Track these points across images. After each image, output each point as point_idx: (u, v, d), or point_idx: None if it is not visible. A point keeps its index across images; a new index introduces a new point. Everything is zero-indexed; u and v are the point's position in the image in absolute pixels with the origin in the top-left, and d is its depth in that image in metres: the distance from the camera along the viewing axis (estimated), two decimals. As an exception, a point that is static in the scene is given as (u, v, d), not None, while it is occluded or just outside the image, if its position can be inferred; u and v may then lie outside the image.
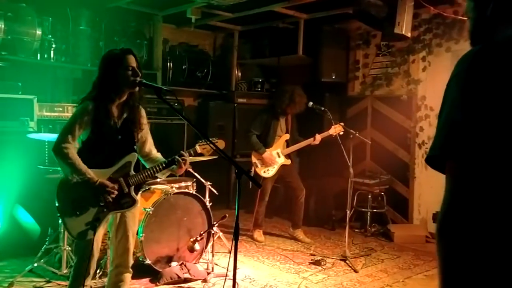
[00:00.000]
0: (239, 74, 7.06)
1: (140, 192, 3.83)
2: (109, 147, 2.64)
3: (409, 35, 4.49)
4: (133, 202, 2.70)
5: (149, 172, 2.72)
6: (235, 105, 6.55)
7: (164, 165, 2.72)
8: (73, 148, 2.54)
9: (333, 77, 6.13)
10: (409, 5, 4.34)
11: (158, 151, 2.92)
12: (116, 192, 2.59)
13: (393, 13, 4.32)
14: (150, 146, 2.84)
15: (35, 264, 3.75)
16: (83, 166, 2.52)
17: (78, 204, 2.55)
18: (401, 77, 5.81)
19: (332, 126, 4.82)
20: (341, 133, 4.79)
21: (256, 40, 6.98)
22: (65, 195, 2.57)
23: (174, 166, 2.71)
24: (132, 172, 2.70)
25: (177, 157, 2.69)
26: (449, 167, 1.05)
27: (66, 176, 2.58)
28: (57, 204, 2.59)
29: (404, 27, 4.35)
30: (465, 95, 1.06)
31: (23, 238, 4.29)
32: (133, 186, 2.69)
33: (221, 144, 3.05)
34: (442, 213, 1.04)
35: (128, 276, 2.83)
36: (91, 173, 2.53)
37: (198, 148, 2.94)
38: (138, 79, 2.58)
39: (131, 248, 2.80)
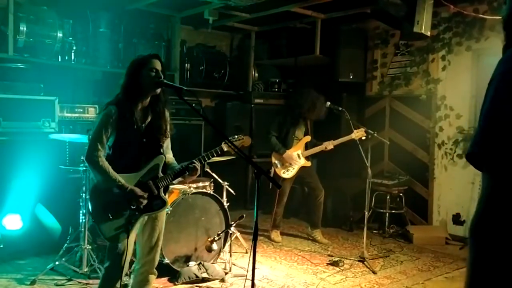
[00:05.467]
0: (256, 74, 7.06)
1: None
2: (134, 150, 2.67)
3: (428, 34, 4.44)
4: (163, 204, 2.73)
5: (170, 178, 2.75)
6: (252, 105, 6.55)
7: (175, 173, 2.74)
8: (103, 155, 2.59)
9: (351, 77, 6.09)
10: (428, 3, 4.30)
11: (176, 152, 2.94)
12: (146, 200, 2.62)
13: (412, 12, 4.27)
14: (166, 149, 2.86)
15: (57, 263, 3.81)
16: (113, 173, 2.56)
17: (110, 208, 2.59)
18: (420, 76, 5.74)
19: (354, 131, 4.71)
20: (364, 138, 4.69)
21: (273, 41, 6.98)
22: (97, 200, 2.62)
23: (186, 173, 2.74)
24: (161, 174, 2.72)
25: (190, 166, 2.72)
26: (487, 166, 1.02)
27: (97, 181, 2.63)
28: (90, 209, 2.64)
29: (424, 26, 4.30)
30: (508, 95, 1.03)
31: (45, 237, 4.36)
32: (162, 188, 2.71)
33: (248, 140, 3.06)
34: (477, 213, 1.02)
35: (153, 277, 2.85)
36: (121, 179, 2.57)
37: (224, 147, 2.96)
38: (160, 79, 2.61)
39: (158, 249, 2.82)
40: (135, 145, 2.66)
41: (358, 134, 4.71)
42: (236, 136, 3.11)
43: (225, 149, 2.96)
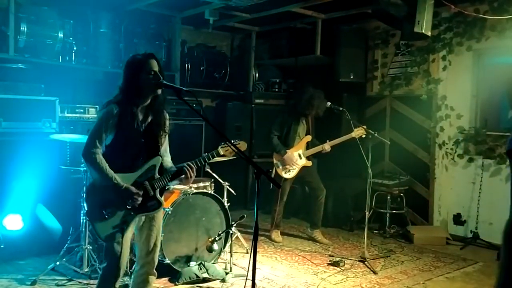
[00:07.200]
0: (257, 74, 7.06)
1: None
2: (133, 150, 2.67)
3: (429, 34, 4.43)
4: (158, 205, 2.73)
5: (166, 179, 2.75)
6: (253, 105, 6.56)
7: (172, 175, 2.73)
8: (101, 152, 2.58)
9: (351, 77, 6.09)
10: (429, 3, 4.29)
11: (177, 152, 2.94)
12: (140, 198, 2.62)
13: (413, 12, 4.27)
14: (163, 152, 2.84)
15: (57, 263, 3.82)
16: (110, 171, 2.55)
17: (106, 207, 2.59)
18: (421, 76, 5.73)
19: (354, 129, 4.72)
20: (364, 136, 4.70)
21: (274, 41, 6.98)
22: (93, 199, 2.62)
23: (182, 176, 2.73)
24: (157, 176, 2.72)
25: (185, 165, 2.71)
26: None
27: (94, 180, 2.62)
28: (86, 209, 2.64)
29: (424, 26, 4.29)
30: None
31: (46, 237, 4.37)
32: (158, 189, 2.72)
33: (243, 146, 3.06)
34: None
35: (152, 278, 2.85)
36: (117, 178, 2.56)
37: (220, 150, 2.96)
38: (159, 81, 2.61)
39: (157, 249, 2.82)
40: (134, 145, 2.66)
41: (358, 132, 4.71)
42: (232, 141, 3.11)
43: (222, 152, 2.97)
